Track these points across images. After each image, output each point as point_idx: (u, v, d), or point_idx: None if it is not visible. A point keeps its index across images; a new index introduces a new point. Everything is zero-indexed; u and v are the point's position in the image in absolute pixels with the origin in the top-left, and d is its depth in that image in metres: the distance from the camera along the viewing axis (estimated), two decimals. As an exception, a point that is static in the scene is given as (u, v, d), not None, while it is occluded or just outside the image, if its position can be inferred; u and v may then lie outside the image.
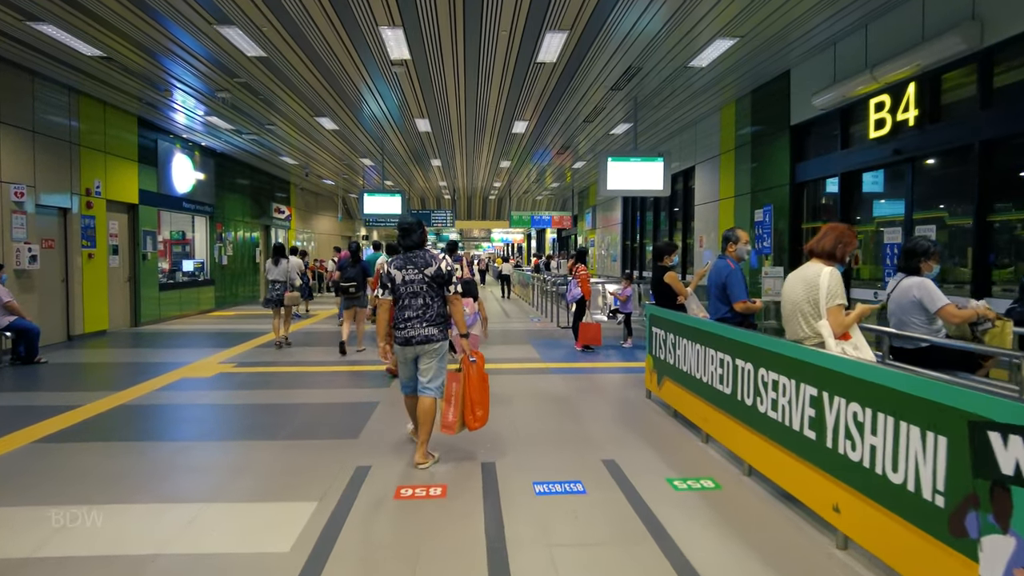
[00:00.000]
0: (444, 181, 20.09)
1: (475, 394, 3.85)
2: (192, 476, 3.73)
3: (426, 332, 3.79)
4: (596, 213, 19.86)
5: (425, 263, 3.81)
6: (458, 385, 3.84)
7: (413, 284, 3.81)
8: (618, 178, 9.37)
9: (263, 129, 12.00)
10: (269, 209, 18.39)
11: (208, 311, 14.05)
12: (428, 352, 3.83)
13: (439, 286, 3.85)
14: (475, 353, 3.96)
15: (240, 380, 6.55)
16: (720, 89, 9.28)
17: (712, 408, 4.10)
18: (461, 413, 3.83)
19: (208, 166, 14.09)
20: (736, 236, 4.44)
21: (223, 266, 15.01)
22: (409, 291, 3.81)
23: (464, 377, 3.84)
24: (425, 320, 3.79)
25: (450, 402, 3.85)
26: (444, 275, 3.84)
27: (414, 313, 3.79)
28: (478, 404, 3.86)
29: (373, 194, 14.41)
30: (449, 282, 3.85)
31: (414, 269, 3.81)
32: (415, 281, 3.80)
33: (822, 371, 2.84)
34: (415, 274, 3.81)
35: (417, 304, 3.80)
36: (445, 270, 3.84)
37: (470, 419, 3.87)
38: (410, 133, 12.56)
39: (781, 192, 8.52)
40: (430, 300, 3.82)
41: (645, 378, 5.64)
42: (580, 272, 8.38)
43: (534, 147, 14.07)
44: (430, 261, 3.82)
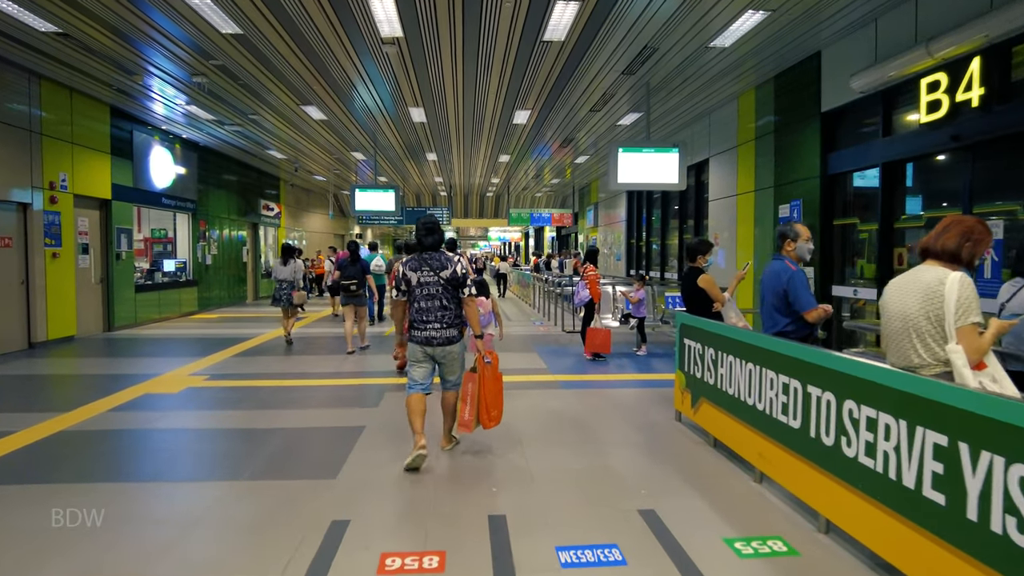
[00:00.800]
0: (440, 177, 19.32)
1: (490, 395, 3.92)
2: (118, 540, 2.90)
3: (447, 334, 3.86)
4: (598, 210, 19.12)
5: (440, 266, 3.84)
6: (474, 385, 3.89)
7: (429, 286, 3.84)
8: (629, 170, 8.62)
9: (247, 120, 11.20)
10: (257, 206, 17.57)
11: (190, 314, 13.25)
12: (449, 354, 3.91)
13: (455, 288, 3.87)
14: (490, 354, 3.97)
15: (210, 397, 5.77)
16: (739, 75, 8.54)
17: (770, 442, 3.36)
18: (477, 412, 3.90)
19: (190, 160, 13.27)
20: (795, 231, 3.68)
21: (207, 266, 14.20)
22: (425, 293, 3.84)
23: (479, 378, 3.89)
24: (445, 322, 3.85)
25: (466, 401, 3.90)
26: (459, 278, 3.87)
27: (433, 316, 3.84)
28: (492, 404, 3.93)
29: (365, 189, 13.62)
30: (464, 284, 3.89)
31: (429, 271, 3.84)
32: (431, 283, 3.84)
33: (958, 414, 2.09)
34: (430, 276, 3.84)
35: (435, 306, 3.84)
36: (460, 273, 3.87)
37: (485, 418, 3.93)
38: (404, 124, 11.79)
39: (810, 185, 7.78)
40: (447, 302, 3.85)
41: (674, 397, 4.89)
42: (589, 273, 7.64)
43: (535, 140, 13.30)
44: (445, 264, 3.85)
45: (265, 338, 9.73)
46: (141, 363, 7.54)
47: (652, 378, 6.59)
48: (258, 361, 7.66)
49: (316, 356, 8.13)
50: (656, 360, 7.70)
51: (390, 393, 5.82)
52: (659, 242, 13.70)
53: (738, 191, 9.74)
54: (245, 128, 11.95)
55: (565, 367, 7.22)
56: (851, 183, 7.43)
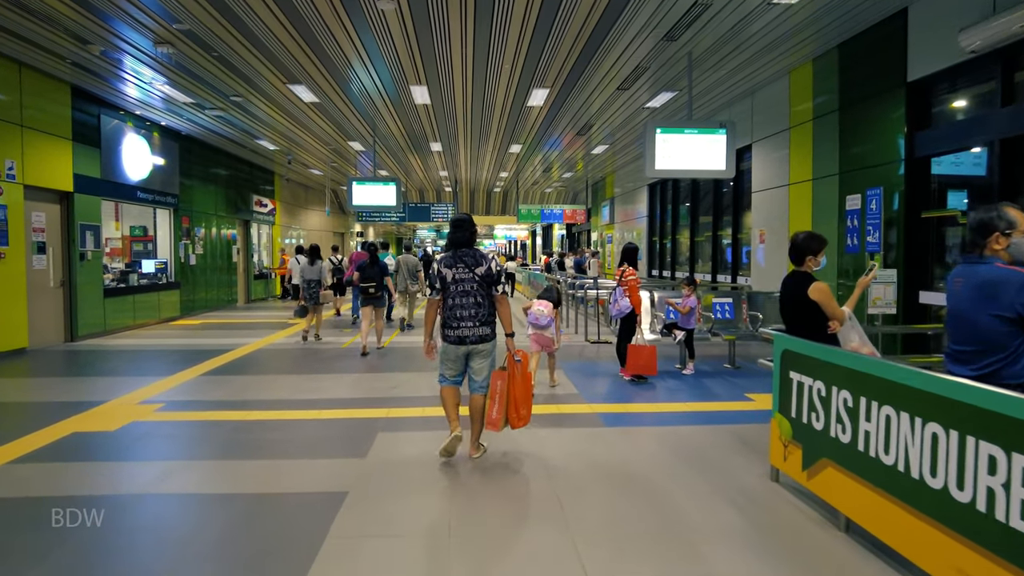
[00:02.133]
0: (445, 171, 18.05)
1: (519, 393, 3.86)
2: None
3: (480, 332, 3.86)
4: (614, 206, 17.82)
5: (475, 262, 3.84)
6: (503, 383, 3.84)
7: (464, 283, 3.83)
8: (668, 155, 7.37)
9: (229, 103, 9.96)
10: (249, 202, 16.34)
11: (171, 319, 12.02)
12: (481, 351, 3.90)
13: (488, 286, 3.87)
14: (520, 352, 3.94)
15: (152, 438, 4.52)
16: (796, 44, 7.26)
17: (987, 557, 2.08)
18: (505, 411, 3.86)
19: (170, 150, 12.04)
20: (1008, 219, 2.38)
21: (191, 266, 12.97)
22: (460, 290, 3.83)
23: (509, 376, 3.85)
24: (479, 320, 3.84)
25: (495, 400, 3.84)
26: (494, 275, 3.88)
27: (467, 312, 3.82)
28: (522, 403, 3.88)
29: (363, 182, 12.37)
30: (497, 282, 3.91)
31: (464, 268, 3.82)
32: (465, 280, 3.82)
33: None
34: (465, 273, 3.82)
35: (469, 303, 3.83)
36: (495, 270, 3.89)
37: (514, 417, 3.88)
38: (405, 108, 10.53)
39: (889, 171, 6.49)
40: (481, 299, 3.85)
41: (771, 448, 3.61)
42: (629, 277, 6.35)
43: (550, 128, 12.02)
44: (480, 260, 3.85)
45: (248, 349, 8.49)
46: (89, 385, 6.30)
47: (715, 408, 5.31)
48: (231, 382, 6.41)
49: (300, 375, 6.88)
50: (709, 381, 6.42)
51: (384, 434, 4.56)
52: (688, 239, 12.40)
53: (790, 180, 8.45)
54: (229, 114, 10.71)
55: (602, 393, 5.95)
56: (945, 167, 6.13)
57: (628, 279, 6.32)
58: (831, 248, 7.44)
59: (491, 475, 3.77)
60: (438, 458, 4.02)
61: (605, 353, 8.15)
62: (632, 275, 6.35)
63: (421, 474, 3.77)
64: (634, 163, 15.67)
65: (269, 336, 9.81)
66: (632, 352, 6.15)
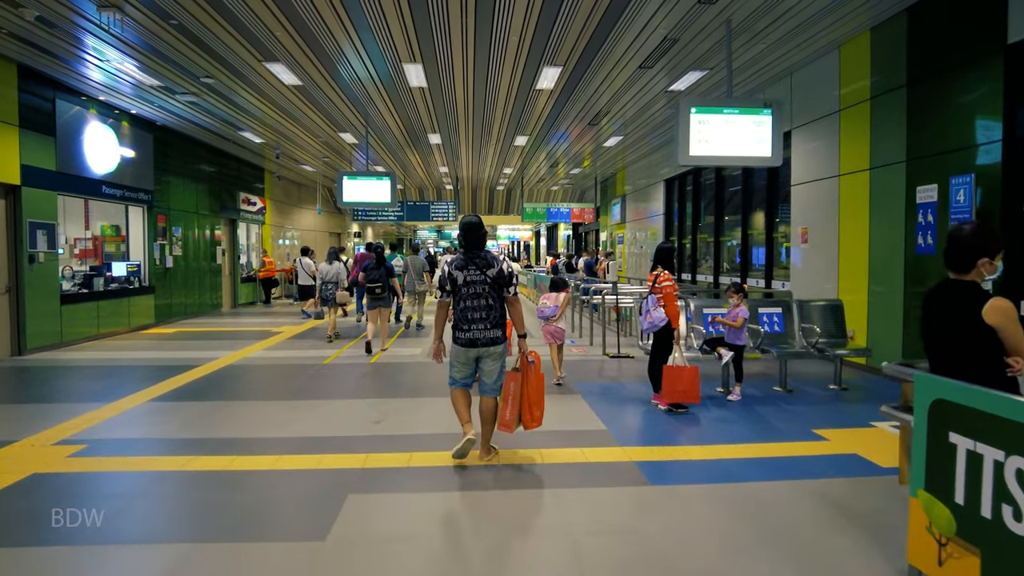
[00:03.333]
0: (445, 167, 16.95)
1: (533, 394, 3.83)
2: None
3: (491, 335, 3.81)
4: (626, 204, 16.70)
5: (487, 264, 3.81)
6: (516, 385, 3.81)
7: (475, 285, 3.79)
8: (705, 139, 6.27)
9: (200, 86, 8.86)
10: (236, 200, 15.26)
11: (144, 327, 10.94)
12: (492, 354, 3.85)
13: (500, 287, 3.83)
14: (532, 353, 3.86)
15: (49, 504, 3.41)
16: (852, 11, 6.15)
17: None
18: (519, 412, 3.83)
19: (143, 142, 10.96)
20: None
21: (167, 269, 11.88)
22: (471, 292, 3.79)
23: (522, 377, 3.81)
24: (490, 322, 3.81)
25: (507, 401, 3.81)
26: (505, 276, 3.84)
27: (478, 315, 3.79)
28: (535, 404, 3.84)
29: (355, 177, 11.29)
30: (509, 284, 3.86)
31: (476, 270, 3.79)
32: (477, 282, 3.79)
33: None
34: (477, 275, 3.79)
35: (480, 305, 3.80)
36: (507, 271, 3.84)
37: (527, 419, 3.84)
38: (400, 93, 9.43)
39: (979, 155, 5.37)
40: (492, 301, 3.82)
41: (908, 541, 2.47)
42: (664, 284, 5.21)
43: (560, 115, 10.91)
44: (492, 262, 3.82)
45: (220, 364, 7.40)
46: (9, 415, 5.19)
47: (783, 453, 4.18)
48: (184, 411, 5.31)
49: (269, 401, 5.78)
50: (763, 409, 5.28)
51: (355, 496, 3.44)
52: (712, 239, 11.27)
53: (841, 171, 7.32)
54: (203, 99, 9.63)
55: (637, 429, 4.83)
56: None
57: (663, 285, 5.19)
58: (893, 248, 6.32)
59: (507, 570, 2.67)
60: (423, 536, 2.93)
61: (629, 370, 7.04)
62: (668, 280, 5.22)
63: (398, 570, 2.66)
64: (648, 157, 14.55)
65: (248, 347, 8.72)
66: (669, 375, 5.02)
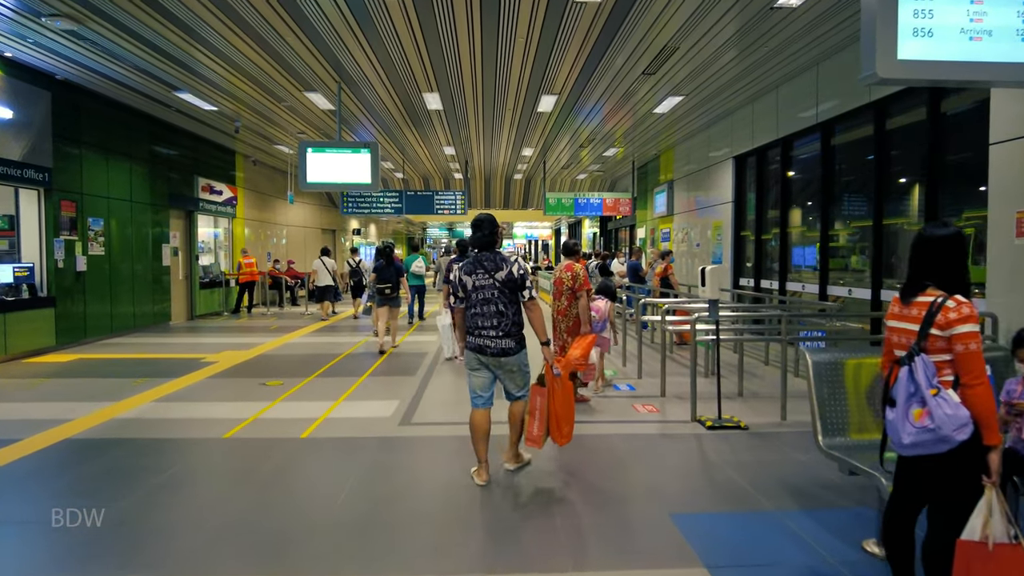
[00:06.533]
0: (451, 147, 13.90)
1: (560, 408, 3.55)
2: None
3: (503, 344, 3.54)
4: (673, 192, 13.50)
5: (495, 267, 3.56)
6: (542, 399, 3.58)
7: (484, 290, 3.56)
8: (927, 32, 3.10)
9: (100, 17, 5.91)
10: (193, 187, 12.36)
11: (33, 353, 8.04)
12: (507, 368, 3.60)
13: (512, 291, 3.56)
14: (558, 363, 3.58)
15: None
16: None
17: None
18: (547, 428, 3.57)
19: (32, 101, 8.07)
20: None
21: (79, 273, 8.97)
22: (480, 297, 3.57)
23: (549, 392, 3.56)
24: (501, 330, 3.53)
25: (534, 416, 3.61)
26: (516, 280, 3.55)
27: (488, 322, 3.55)
28: (564, 419, 3.55)
29: (322, 148, 8.33)
30: (523, 287, 3.58)
31: (484, 274, 3.57)
32: (486, 287, 3.56)
33: None
34: (485, 279, 3.56)
35: (490, 312, 3.54)
36: (517, 274, 3.56)
37: (556, 434, 3.57)
38: (380, 27, 6.38)
39: None
40: (503, 307, 3.54)
41: None
42: (963, 330, 2.04)
43: (605, 56, 7.79)
44: (500, 264, 3.57)
45: (77, 428, 4.41)
46: None
47: None
48: None
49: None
50: None
51: None
52: (819, 233, 8.03)
53: None
54: (113, 41, 6.68)
55: None
56: None
57: (960, 333, 2.03)
58: None
59: None
60: None
61: (754, 464, 3.93)
62: (968, 324, 2.05)
63: None
64: (709, 130, 11.36)
65: (160, 386, 5.81)
66: (975, 564, 1.88)
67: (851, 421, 2.95)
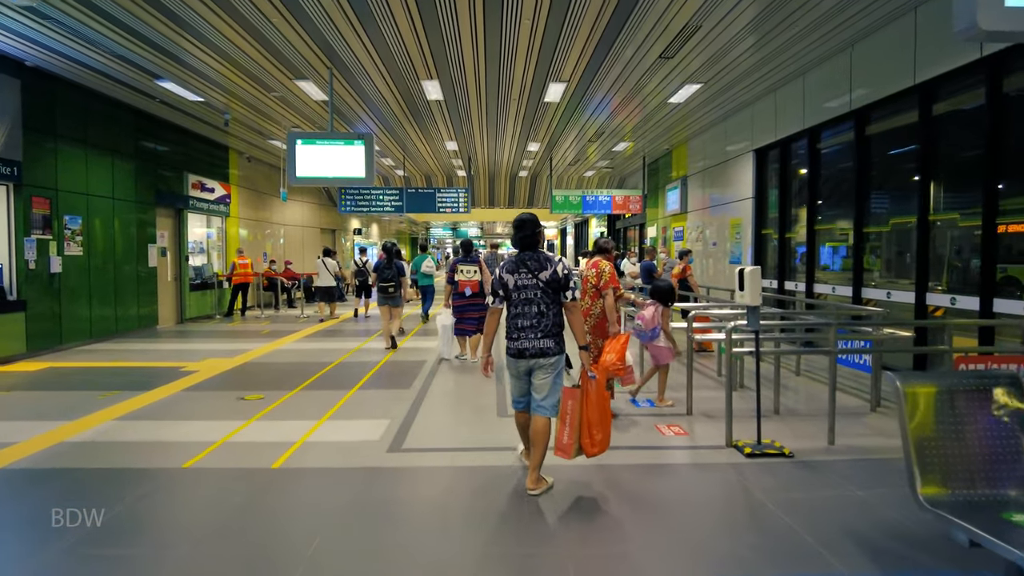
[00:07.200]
0: (454, 142, 13.26)
1: (594, 414, 3.41)
2: None
3: (541, 345, 3.40)
4: (687, 188, 12.82)
5: (539, 266, 3.43)
6: (575, 403, 3.41)
7: (527, 290, 3.44)
8: None
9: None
10: (183, 184, 11.78)
11: (1, 362, 7.44)
12: (543, 366, 3.42)
13: (555, 292, 3.44)
14: (595, 368, 3.48)
15: None
16: None
17: None
18: (577, 435, 3.41)
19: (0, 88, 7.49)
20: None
21: (53, 275, 8.38)
22: (522, 297, 3.45)
23: (582, 394, 3.41)
24: (540, 330, 3.41)
25: (565, 421, 3.43)
26: (560, 279, 3.43)
27: (528, 322, 3.42)
28: (596, 426, 3.41)
29: (312, 140, 7.72)
30: (566, 288, 3.44)
31: (527, 273, 3.44)
32: (528, 287, 3.44)
33: None
34: (528, 279, 3.44)
35: (531, 312, 3.43)
36: (561, 274, 3.43)
37: (587, 443, 3.43)
38: (375, 6, 5.76)
39: None
40: (545, 308, 3.42)
41: None
42: None
43: (620, 36, 7.15)
44: (544, 264, 3.43)
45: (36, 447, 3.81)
46: None
47: None
48: None
49: None
50: None
51: None
52: (852, 231, 7.35)
53: None
54: (84, 23, 6.08)
55: None
56: None
57: None
58: None
59: None
60: None
61: (808, 504, 3.26)
62: None
63: None
64: (726, 122, 10.69)
65: (128, 400, 5.21)
66: None
67: (959, 468, 2.29)
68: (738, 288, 4.07)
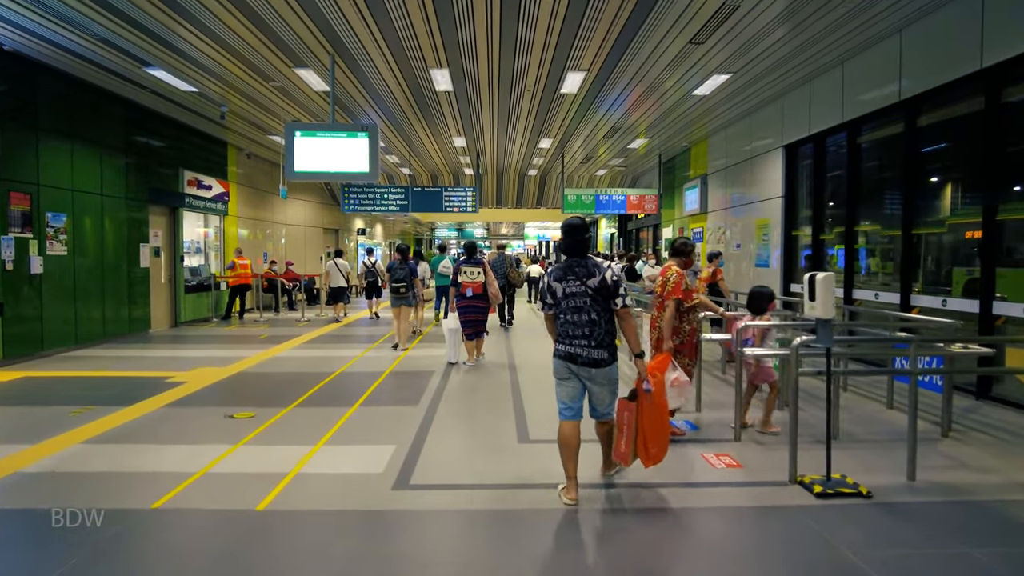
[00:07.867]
0: (462, 138, 12.67)
1: (648, 426, 3.31)
2: None
3: (595, 355, 3.28)
4: (707, 188, 12.20)
5: (587, 273, 3.32)
6: (630, 415, 3.33)
7: (575, 297, 3.32)
8: None
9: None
10: (178, 181, 11.21)
11: (-25, 370, 6.88)
12: (597, 379, 3.32)
13: (605, 299, 3.30)
14: (652, 378, 3.32)
15: None
16: None
17: None
18: (634, 445, 3.34)
19: (-25, 74, 6.93)
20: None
21: (33, 276, 7.81)
22: (571, 305, 3.33)
23: (638, 407, 3.31)
24: (594, 340, 3.28)
25: (622, 431, 3.37)
26: (609, 287, 3.30)
27: (580, 331, 3.30)
28: (652, 439, 3.31)
29: (312, 132, 7.15)
30: (616, 295, 3.30)
31: (575, 280, 3.33)
32: (577, 294, 3.32)
33: None
34: (577, 286, 3.32)
35: (582, 320, 3.30)
36: (611, 281, 3.31)
37: (643, 455, 3.35)
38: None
39: None
40: (597, 316, 3.29)
41: None
42: None
43: (646, 23, 6.55)
44: (593, 271, 3.32)
45: None
46: None
47: None
48: None
49: None
50: None
51: None
52: (900, 233, 6.72)
53: None
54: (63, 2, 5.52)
55: None
56: None
57: None
58: None
59: None
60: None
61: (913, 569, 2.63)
62: None
63: None
64: (751, 117, 10.06)
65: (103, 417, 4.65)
66: None
67: None
68: (807, 298, 3.46)
